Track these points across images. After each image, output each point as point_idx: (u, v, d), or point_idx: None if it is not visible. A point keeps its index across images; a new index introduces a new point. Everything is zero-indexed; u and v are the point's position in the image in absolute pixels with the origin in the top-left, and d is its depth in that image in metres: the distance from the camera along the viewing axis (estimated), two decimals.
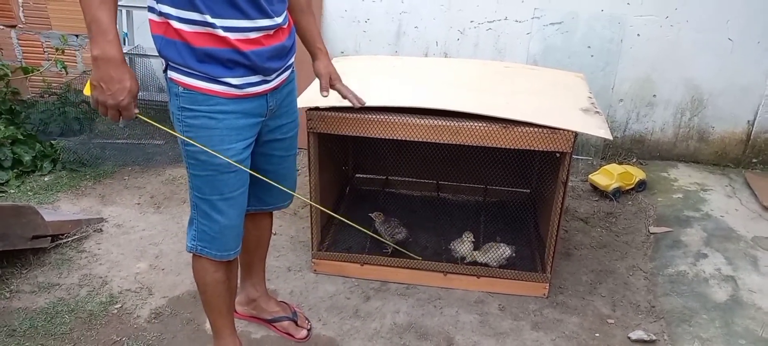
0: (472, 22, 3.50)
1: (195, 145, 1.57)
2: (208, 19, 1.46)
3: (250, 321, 2.20)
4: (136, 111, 1.46)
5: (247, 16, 1.50)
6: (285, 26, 1.64)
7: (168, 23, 1.47)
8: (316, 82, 1.95)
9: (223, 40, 1.49)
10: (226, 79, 1.53)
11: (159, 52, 1.53)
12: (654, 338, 2.18)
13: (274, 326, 2.16)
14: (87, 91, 1.45)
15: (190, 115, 1.56)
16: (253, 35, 1.53)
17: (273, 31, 1.58)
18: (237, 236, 1.77)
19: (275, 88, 1.67)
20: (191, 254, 1.79)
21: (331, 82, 1.94)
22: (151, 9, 1.51)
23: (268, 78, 1.62)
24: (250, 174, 1.74)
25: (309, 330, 2.16)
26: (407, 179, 3.08)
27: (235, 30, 1.49)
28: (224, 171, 1.62)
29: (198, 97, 1.53)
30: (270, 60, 1.59)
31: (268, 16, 1.55)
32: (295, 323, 2.15)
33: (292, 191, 1.96)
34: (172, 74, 1.54)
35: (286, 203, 2.00)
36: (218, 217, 1.68)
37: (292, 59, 1.73)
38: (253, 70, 1.56)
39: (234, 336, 1.95)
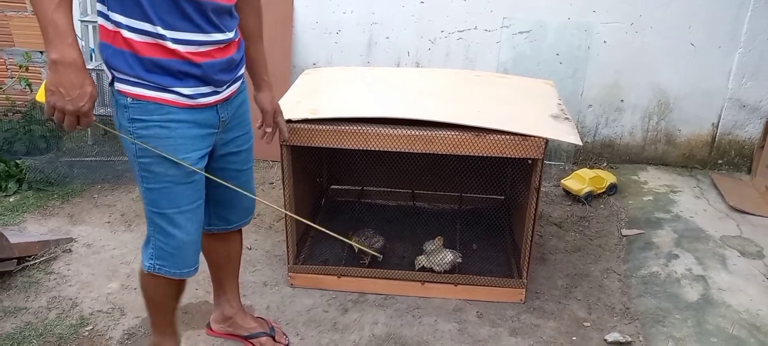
0: (442, 31, 3.54)
1: (149, 156, 1.54)
2: (160, 30, 1.44)
3: (226, 338, 2.16)
4: (94, 118, 1.43)
5: (201, 30, 1.49)
6: (236, 40, 1.64)
7: (118, 33, 1.45)
8: (287, 96, 1.94)
9: (173, 52, 1.47)
10: (176, 88, 1.51)
11: (106, 61, 1.49)
12: (629, 339, 2.21)
13: (252, 343, 2.12)
14: (40, 97, 1.38)
15: (141, 126, 1.52)
16: (204, 48, 1.52)
17: (225, 44, 1.58)
18: (196, 252, 1.74)
19: (226, 99, 1.65)
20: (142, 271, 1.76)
21: (274, 117, 1.92)
22: (102, 15, 1.47)
23: (219, 89, 1.61)
24: (212, 193, 1.72)
25: (287, 345, 2.14)
26: (382, 189, 3.08)
27: (187, 43, 1.48)
28: (180, 182, 1.59)
29: (149, 106, 1.51)
30: (221, 72, 1.59)
31: (221, 31, 1.55)
32: (273, 338, 2.12)
33: (252, 206, 1.94)
34: (119, 86, 1.50)
35: (249, 218, 1.99)
36: (176, 232, 1.65)
37: (242, 71, 1.72)
38: (204, 81, 1.55)
39: (175, 335, 1.94)
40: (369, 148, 2.16)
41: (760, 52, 3.35)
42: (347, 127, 2.14)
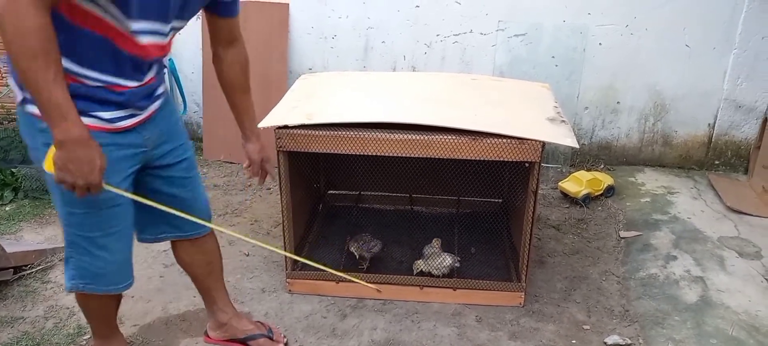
0: (438, 35, 3.54)
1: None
2: (89, 73, 1.42)
3: (223, 345, 2.15)
4: (104, 185, 1.43)
5: (134, 79, 1.51)
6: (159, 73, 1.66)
7: None
8: (283, 101, 1.93)
9: (97, 87, 1.46)
10: (96, 113, 1.48)
11: (17, 79, 1.42)
12: (629, 341, 2.20)
13: (249, 345, 2.11)
14: (49, 167, 1.36)
15: None
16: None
17: (149, 79, 1.60)
18: (127, 269, 1.73)
19: (147, 119, 1.62)
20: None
21: (263, 164, 1.94)
22: None
23: (138, 112, 1.59)
24: (154, 205, 1.71)
25: (285, 345, 2.11)
26: (380, 193, 3.07)
27: (117, 84, 1.48)
28: (105, 207, 1.56)
29: None
30: (142, 99, 1.58)
31: (150, 75, 1.58)
32: (271, 339, 2.10)
33: (206, 210, 1.90)
34: (33, 109, 1.42)
35: (207, 229, 1.92)
36: (102, 253, 1.62)
37: (161, 90, 1.69)
38: (124, 106, 1.53)
39: (118, 334, 1.98)
40: (366, 153, 2.16)
41: (755, 53, 3.36)
42: (344, 132, 2.14)
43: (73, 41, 1.38)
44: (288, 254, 2.31)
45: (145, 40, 1.44)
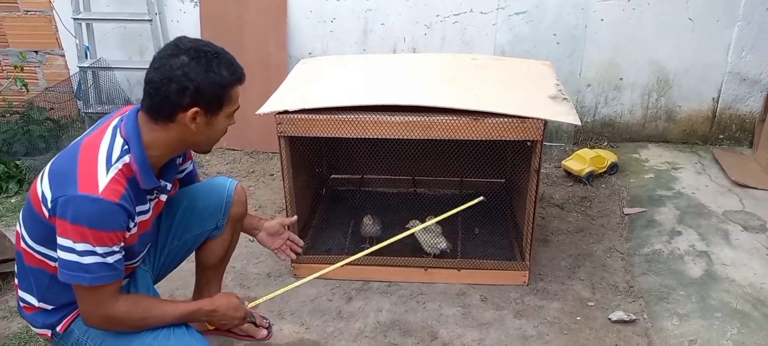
0: (438, 16, 3.51)
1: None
2: None
3: (205, 334, 2.11)
4: (247, 306, 1.75)
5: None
6: None
7: (32, 255, 1.56)
8: (283, 86, 1.92)
9: None
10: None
11: (56, 306, 1.63)
12: (634, 317, 2.21)
13: (233, 333, 2.02)
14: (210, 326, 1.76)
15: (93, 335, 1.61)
16: None
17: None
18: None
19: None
20: None
21: (282, 229, 2.07)
22: (45, 256, 1.54)
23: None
24: (180, 250, 1.89)
25: (269, 328, 2.02)
26: (383, 176, 3.07)
27: None
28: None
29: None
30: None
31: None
32: (254, 324, 2.03)
33: (221, 189, 1.89)
34: (76, 326, 1.62)
35: (228, 199, 1.89)
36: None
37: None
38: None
39: None
40: (367, 136, 2.15)
41: (759, 25, 3.32)
42: (344, 116, 2.13)
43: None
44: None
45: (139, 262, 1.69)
